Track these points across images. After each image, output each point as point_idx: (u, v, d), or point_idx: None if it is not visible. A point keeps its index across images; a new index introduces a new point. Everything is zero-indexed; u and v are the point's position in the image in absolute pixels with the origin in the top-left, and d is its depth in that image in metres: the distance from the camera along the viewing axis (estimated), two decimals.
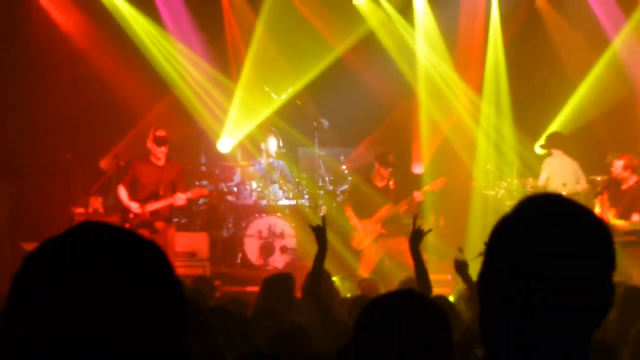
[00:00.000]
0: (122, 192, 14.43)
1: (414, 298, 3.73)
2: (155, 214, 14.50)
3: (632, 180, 15.51)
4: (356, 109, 18.81)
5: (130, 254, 2.05)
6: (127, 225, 14.13)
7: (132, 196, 14.43)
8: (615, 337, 7.35)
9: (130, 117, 17.47)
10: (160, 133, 14.50)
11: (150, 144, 14.55)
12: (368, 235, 15.76)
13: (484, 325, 2.46)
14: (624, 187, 15.50)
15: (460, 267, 8.76)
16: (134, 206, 14.35)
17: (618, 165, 15.49)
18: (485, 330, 2.46)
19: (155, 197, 14.49)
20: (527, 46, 19.42)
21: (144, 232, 13.96)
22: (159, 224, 14.55)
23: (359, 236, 15.77)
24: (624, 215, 15.28)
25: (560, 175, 17.14)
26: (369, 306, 3.70)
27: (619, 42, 18.97)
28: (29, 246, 15.30)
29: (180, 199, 14.47)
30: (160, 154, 14.47)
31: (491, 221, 13.32)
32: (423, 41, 19.34)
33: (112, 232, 2.07)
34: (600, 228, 2.42)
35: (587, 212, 2.46)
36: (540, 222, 2.41)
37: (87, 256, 2.00)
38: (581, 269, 2.36)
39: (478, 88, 19.46)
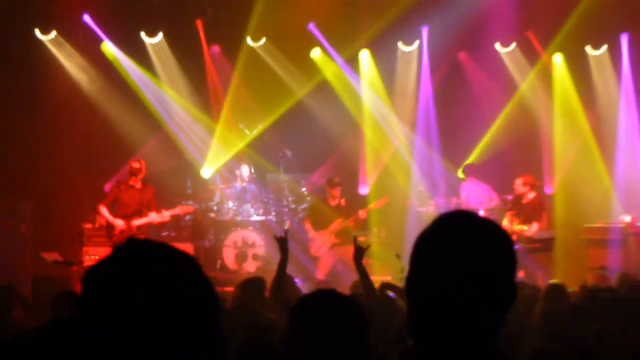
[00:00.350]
0: (104, 211, 14.65)
1: (333, 298, 3.74)
2: (140, 228, 14.73)
3: (531, 195, 15.69)
4: (313, 141, 18.77)
5: (175, 258, 2.13)
6: (115, 239, 14.61)
7: (117, 214, 14.64)
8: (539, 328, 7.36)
9: (129, 149, 17.31)
10: (135, 164, 14.84)
11: (128, 172, 14.91)
12: (324, 244, 15.99)
13: (411, 319, 2.48)
14: (524, 201, 15.65)
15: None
16: (119, 223, 14.53)
17: (518, 183, 15.71)
18: (411, 324, 2.47)
19: (139, 214, 14.72)
20: (451, 90, 19.47)
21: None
22: (141, 236, 14.09)
23: (317, 245, 16.03)
24: (525, 223, 15.47)
25: (476, 196, 17.47)
26: (297, 303, 3.76)
27: (525, 86, 19.35)
28: (47, 255, 15.49)
29: (163, 216, 14.90)
30: (133, 180, 14.76)
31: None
32: (367, 86, 19.36)
33: (156, 245, 2.14)
34: (503, 238, 2.48)
35: (492, 225, 2.51)
36: (452, 234, 2.46)
37: (142, 262, 2.09)
38: (488, 271, 2.41)
39: (412, 123, 19.50)
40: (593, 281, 13.55)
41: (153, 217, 14.77)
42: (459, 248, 2.42)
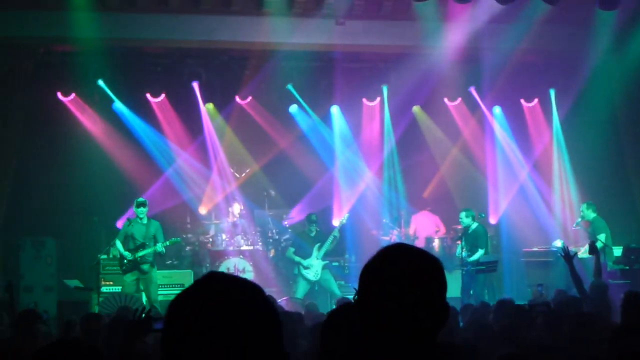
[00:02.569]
0: (119, 245, 14.80)
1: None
2: (142, 258, 14.72)
3: (474, 225, 15.92)
4: (292, 182, 18.90)
5: (250, 292, 2.13)
6: (123, 267, 14.75)
7: (126, 245, 14.70)
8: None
9: (136, 191, 17.33)
10: (140, 200, 14.99)
11: (134, 209, 14.99)
12: (318, 269, 15.96)
13: (362, 338, 2.49)
14: (469, 231, 15.85)
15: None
16: (127, 255, 14.64)
17: (462, 215, 15.96)
18: (363, 341, 2.48)
19: (143, 247, 14.74)
20: (407, 137, 19.63)
21: (135, 271, 14.75)
22: (146, 266, 14.72)
23: (313, 271, 15.97)
24: (472, 250, 15.58)
25: (424, 227, 17.69)
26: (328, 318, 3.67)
27: (468, 133, 19.50)
28: (70, 282, 15.72)
29: (161, 248, 14.81)
30: (141, 214, 14.83)
31: None
32: (338, 137, 19.49)
33: (232, 278, 2.15)
34: (434, 264, 2.51)
35: (424, 254, 2.54)
36: (389, 263, 2.49)
37: (221, 295, 2.07)
38: (420, 294, 2.44)
39: (376, 166, 19.48)
40: (532, 297, 13.57)
41: (158, 247, 14.81)
42: (395, 275, 2.46)
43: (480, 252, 15.66)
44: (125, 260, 14.76)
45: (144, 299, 14.76)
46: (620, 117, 18.24)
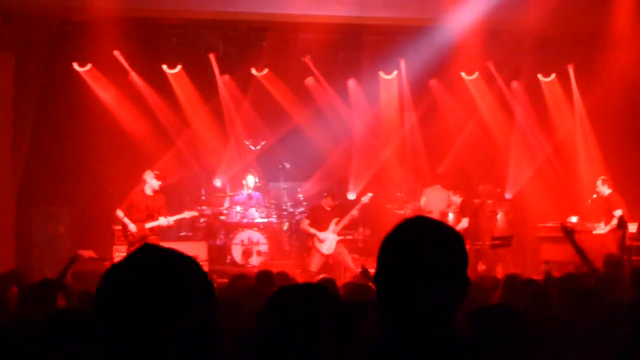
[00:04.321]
0: (121, 214, 14.65)
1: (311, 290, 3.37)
2: (151, 230, 14.67)
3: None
4: (308, 155, 18.88)
5: (179, 260, 2.15)
6: (130, 238, 14.71)
7: (133, 217, 14.56)
8: None
9: (151, 161, 16.97)
10: (156, 172, 14.86)
11: (148, 180, 14.71)
12: (332, 242, 15.78)
13: (379, 309, 2.48)
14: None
15: (365, 273, 9.03)
16: (132, 227, 14.54)
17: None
18: (380, 313, 2.47)
19: (152, 218, 14.70)
20: (423, 111, 19.46)
21: (142, 242, 14.54)
22: (152, 237, 14.61)
23: (327, 244, 15.78)
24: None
25: (437, 201, 17.54)
26: (275, 294, 3.41)
27: (483, 108, 19.38)
28: (84, 253, 15.54)
29: (169, 221, 14.76)
30: (155, 185, 14.68)
31: None
32: (354, 110, 19.36)
33: (164, 250, 2.17)
34: (455, 238, 2.50)
35: (445, 227, 2.54)
36: (411, 236, 2.47)
37: (152, 264, 2.11)
38: (442, 267, 2.41)
39: (392, 140, 19.42)
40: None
41: (162, 221, 14.69)
42: (417, 248, 2.45)
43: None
44: (129, 232, 14.73)
45: None
46: (638, 93, 18.02)
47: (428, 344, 2.40)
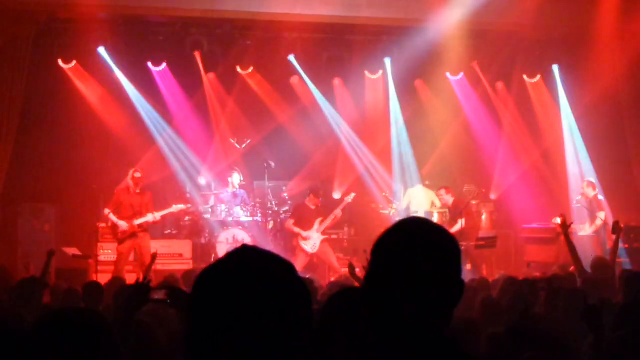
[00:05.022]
0: (110, 213, 14.83)
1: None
2: (140, 226, 14.77)
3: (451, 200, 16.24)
4: (293, 154, 18.85)
5: (280, 267, 2.06)
6: (119, 236, 14.79)
7: (121, 215, 14.72)
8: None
9: (135, 158, 17.15)
10: (137, 174, 14.99)
11: (130, 181, 14.96)
12: (317, 241, 15.88)
13: (370, 312, 2.42)
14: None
15: (351, 269, 9.15)
16: (122, 224, 14.68)
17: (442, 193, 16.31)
18: (371, 316, 2.42)
19: (139, 214, 14.78)
20: (409, 112, 19.41)
21: (131, 239, 14.77)
22: (142, 233, 14.79)
23: (311, 243, 15.90)
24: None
25: (420, 201, 17.62)
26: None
27: (468, 108, 19.38)
28: (68, 250, 15.52)
29: (155, 217, 14.92)
30: (135, 186, 14.89)
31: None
32: (340, 109, 19.33)
33: (264, 253, 2.09)
34: (450, 241, 2.45)
35: (440, 230, 2.49)
36: (405, 238, 2.42)
37: (252, 269, 2.02)
38: (437, 270, 2.37)
39: (377, 140, 19.36)
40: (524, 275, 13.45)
41: (149, 217, 14.89)
42: (412, 250, 2.38)
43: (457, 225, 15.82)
44: (120, 229, 14.77)
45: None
46: (623, 94, 18.13)
47: (421, 349, 2.35)
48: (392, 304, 2.37)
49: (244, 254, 2.07)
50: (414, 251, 2.38)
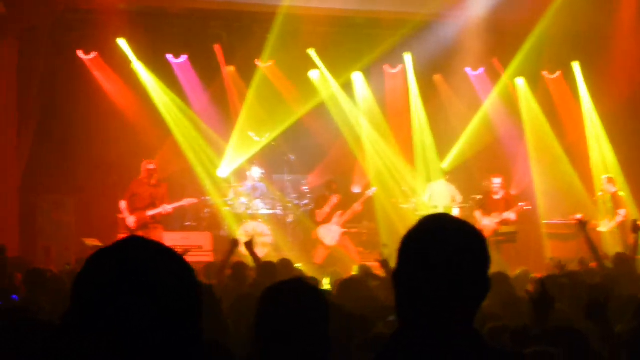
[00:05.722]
0: (123, 205, 15.09)
1: (302, 287, 3.32)
2: (153, 217, 14.97)
3: (500, 193, 16.12)
4: (312, 148, 19.02)
5: (165, 256, 1.97)
6: (133, 227, 14.95)
7: (135, 206, 14.95)
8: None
9: (154, 149, 17.38)
10: (150, 166, 15.21)
11: (145, 171, 15.17)
12: (336, 234, 16.09)
13: (399, 307, 2.43)
14: (497, 197, 16.08)
15: (384, 264, 9.01)
16: (130, 220, 14.92)
17: (496, 182, 16.12)
18: (399, 310, 2.43)
19: (153, 206, 14.96)
20: (429, 107, 19.39)
21: (144, 230, 14.89)
22: (154, 225, 15.00)
23: (331, 236, 16.09)
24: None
25: (438, 195, 17.58)
26: (266, 290, 3.36)
27: (488, 104, 19.31)
28: (88, 241, 15.56)
29: (168, 209, 15.08)
30: (150, 178, 15.10)
31: (404, 225, 13.78)
32: (360, 103, 19.34)
33: (149, 242, 1.99)
34: (478, 237, 2.46)
35: (468, 226, 2.49)
36: (434, 234, 2.42)
37: (135, 258, 1.93)
38: (465, 267, 2.38)
39: (397, 134, 19.31)
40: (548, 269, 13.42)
41: (162, 208, 15.06)
42: (440, 247, 2.39)
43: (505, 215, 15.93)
44: (131, 221, 14.97)
45: None
46: None
47: (448, 344, 2.35)
48: (417, 297, 2.38)
49: (126, 246, 1.98)
50: (438, 247, 2.39)
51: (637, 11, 17.33)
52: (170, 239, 16.11)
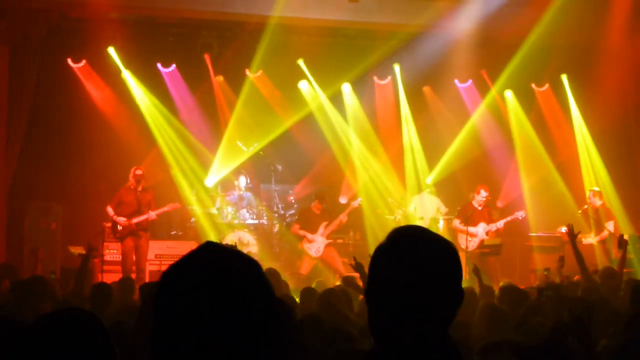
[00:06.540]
0: (110, 210, 15.17)
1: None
2: (139, 225, 15.06)
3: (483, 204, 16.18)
4: (299, 158, 19.01)
5: (243, 265, 2.00)
6: (118, 234, 15.18)
7: (121, 212, 15.05)
8: None
9: (141, 158, 17.33)
10: (138, 172, 15.28)
11: (131, 179, 15.23)
12: (321, 245, 16.03)
13: (371, 323, 2.41)
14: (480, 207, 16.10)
15: (359, 267, 8.89)
16: (121, 220, 15.03)
17: (483, 193, 16.12)
18: (372, 327, 2.40)
19: (139, 213, 15.07)
20: (417, 118, 19.52)
21: (132, 237, 15.08)
22: (141, 232, 15.09)
23: (315, 247, 16.04)
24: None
25: (423, 206, 17.65)
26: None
27: (476, 116, 19.33)
28: (74, 249, 15.65)
29: (152, 215, 15.16)
30: (136, 185, 15.16)
31: None
32: (349, 114, 19.34)
33: (225, 249, 2.03)
34: (449, 250, 2.43)
35: (439, 238, 2.46)
36: (405, 247, 2.39)
37: (213, 267, 1.96)
38: (436, 280, 2.36)
39: (385, 145, 19.38)
40: (539, 281, 13.46)
41: (148, 215, 15.18)
42: (412, 258, 2.36)
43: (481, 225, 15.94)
44: (119, 227, 15.08)
45: None
46: (630, 105, 18.19)
47: (421, 358, 2.35)
48: (388, 311, 2.36)
49: (205, 252, 2.02)
50: (409, 260, 2.36)
51: (626, 25, 17.41)
52: (157, 248, 16.21)
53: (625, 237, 12.22)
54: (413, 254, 2.37)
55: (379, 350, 2.40)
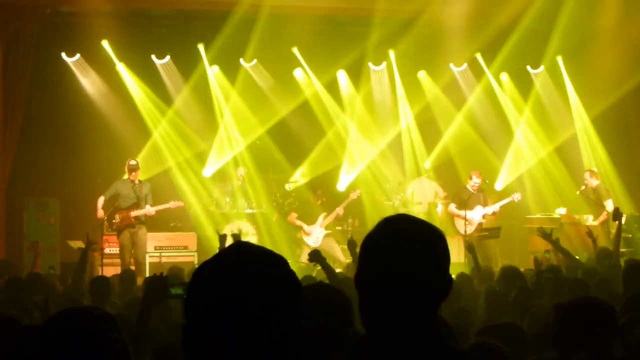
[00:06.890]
0: (100, 201, 15.17)
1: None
2: (137, 218, 15.05)
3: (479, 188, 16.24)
4: (297, 146, 18.94)
5: (273, 262, 2.04)
6: (115, 227, 15.18)
7: (118, 205, 15.04)
8: None
9: (138, 150, 17.57)
10: (132, 162, 15.36)
11: (126, 169, 15.36)
12: (319, 236, 16.26)
13: (362, 311, 2.44)
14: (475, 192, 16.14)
15: (351, 245, 9.10)
16: (101, 213, 15.05)
17: (476, 178, 16.16)
18: (362, 315, 2.43)
19: (137, 206, 15.06)
20: (413, 103, 19.36)
21: (129, 229, 15.04)
22: (138, 225, 15.08)
23: (314, 237, 16.22)
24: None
25: (423, 193, 17.65)
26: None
27: (472, 99, 19.27)
28: (73, 243, 15.62)
29: (151, 211, 15.15)
30: (132, 176, 15.20)
31: None
32: (345, 101, 19.32)
33: (257, 248, 2.07)
34: (437, 237, 2.45)
35: (427, 226, 2.48)
36: (393, 235, 2.42)
37: (251, 266, 2.00)
38: (424, 267, 2.37)
39: (383, 131, 19.28)
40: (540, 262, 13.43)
41: (146, 210, 15.17)
42: (399, 247, 2.39)
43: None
44: (114, 220, 15.10)
45: None
46: (626, 85, 18.17)
47: (409, 346, 2.35)
48: (377, 299, 2.39)
49: (238, 250, 2.06)
50: (397, 248, 2.39)
51: (621, 5, 17.40)
52: (156, 240, 16.21)
53: (625, 216, 12.22)
54: (400, 244, 2.40)
55: (368, 338, 2.41)
